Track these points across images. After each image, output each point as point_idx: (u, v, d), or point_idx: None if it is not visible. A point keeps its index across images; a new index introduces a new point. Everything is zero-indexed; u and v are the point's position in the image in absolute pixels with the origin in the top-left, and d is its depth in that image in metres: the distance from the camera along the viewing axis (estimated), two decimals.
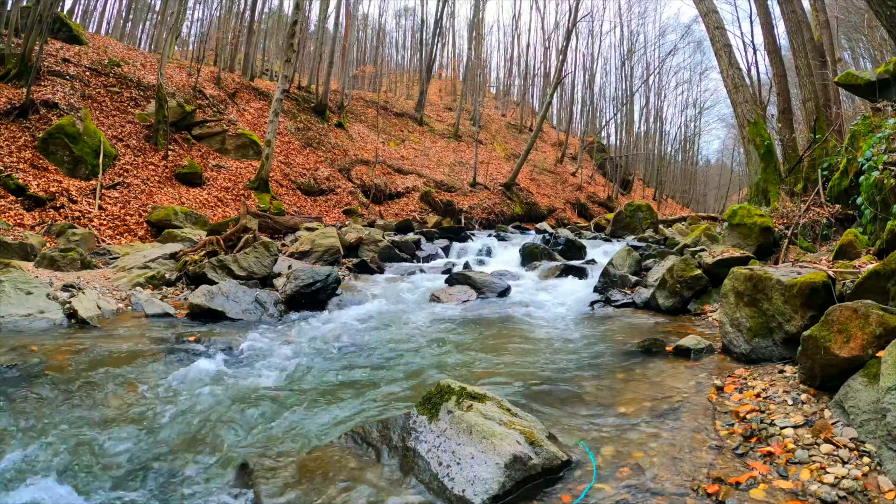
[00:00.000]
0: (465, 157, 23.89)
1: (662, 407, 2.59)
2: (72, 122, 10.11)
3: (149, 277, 5.83)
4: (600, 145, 33.91)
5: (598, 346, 3.86)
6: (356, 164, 18.39)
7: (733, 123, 28.03)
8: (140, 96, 13.91)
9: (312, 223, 10.60)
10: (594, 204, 25.85)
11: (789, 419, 2.29)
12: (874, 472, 1.85)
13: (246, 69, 20.91)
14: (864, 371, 2.19)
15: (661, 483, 1.89)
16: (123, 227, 9.20)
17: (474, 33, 33.56)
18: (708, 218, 14.03)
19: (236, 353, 3.66)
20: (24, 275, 4.92)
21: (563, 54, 23.12)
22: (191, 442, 2.36)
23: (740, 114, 9.37)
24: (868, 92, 6.31)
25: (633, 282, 5.88)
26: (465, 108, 29.27)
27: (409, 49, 41.29)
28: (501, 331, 4.47)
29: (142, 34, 28.56)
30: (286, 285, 5.39)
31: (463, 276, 6.35)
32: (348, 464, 2.07)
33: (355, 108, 23.52)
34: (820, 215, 6.32)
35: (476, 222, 18.39)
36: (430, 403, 2.22)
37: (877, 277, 2.85)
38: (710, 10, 9.90)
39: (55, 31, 14.43)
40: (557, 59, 25.10)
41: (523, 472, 1.88)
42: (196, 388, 2.97)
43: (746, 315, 3.27)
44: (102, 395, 2.79)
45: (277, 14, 31.64)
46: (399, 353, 3.81)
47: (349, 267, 7.41)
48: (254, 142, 14.99)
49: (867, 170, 4.82)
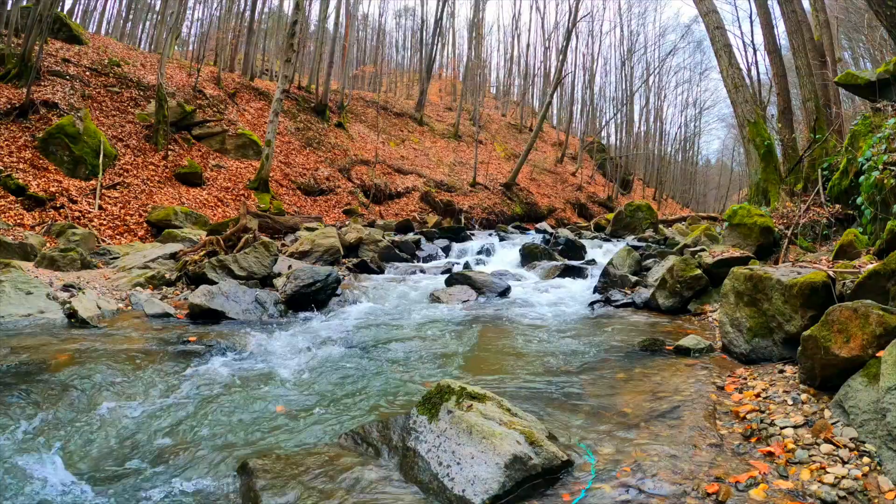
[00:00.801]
0: (465, 157, 23.89)
1: (662, 407, 2.59)
2: (72, 122, 10.11)
3: (149, 277, 5.83)
4: (600, 145, 33.91)
5: (598, 346, 3.86)
6: (356, 164, 18.39)
7: (733, 123, 28.06)
8: (140, 96, 13.91)
9: (312, 223, 10.60)
10: (594, 204, 25.84)
11: (789, 419, 2.29)
12: (874, 472, 1.85)
13: (246, 69, 20.92)
14: (864, 371, 2.19)
15: (661, 482, 1.88)
16: (123, 227, 9.20)
17: (474, 33, 33.57)
18: (708, 218, 14.05)
19: (236, 354, 3.66)
20: (24, 275, 4.92)
21: (563, 54, 23.15)
22: (190, 442, 2.36)
23: (740, 114, 9.37)
24: (868, 92, 6.31)
25: (633, 282, 5.88)
26: (465, 108, 29.26)
27: (409, 49, 41.35)
28: (501, 331, 4.46)
29: (142, 34, 28.58)
30: (286, 285, 5.39)
31: (463, 276, 6.35)
32: (348, 464, 2.06)
33: (355, 108, 23.52)
34: (820, 215, 6.32)
35: (476, 222, 18.39)
36: (430, 403, 2.22)
37: (877, 277, 2.86)
38: (710, 10, 9.90)
39: (55, 31, 14.43)
40: (557, 59, 25.13)
41: (523, 472, 1.87)
42: (196, 388, 2.97)
43: (746, 315, 3.27)
44: (102, 396, 2.79)
45: (277, 14, 31.65)
46: (399, 352, 3.81)
47: (349, 267, 7.41)
48: (254, 142, 14.99)
49: (867, 170, 4.82)
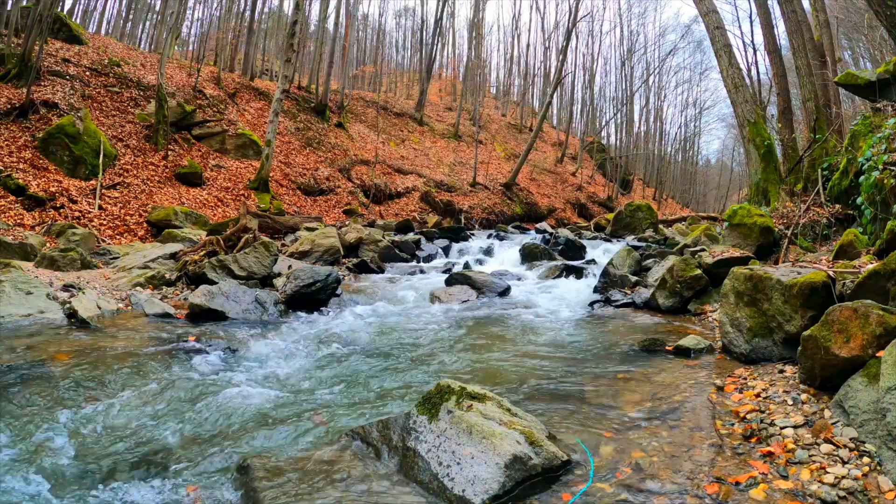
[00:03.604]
0: (465, 157, 23.89)
1: (662, 407, 2.59)
2: (72, 122, 10.11)
3: (149, 277, 5.83)
4: (600, 145, 33.91)
5: (598, 346, 3.86)
6: (356, 164, 18.39)
7: (733, 123, 28.04)
8: (140, 96, 13.90)
9: (312, 223, 10.60)
10: (594, 204, 25.84)
11: (789, 419, 2.29)
12: (874, 472, 1.85)
13: (246, 69, 20.91)
14: (864, 371, 2.19)
15: (661, 482, 1.89)
16: (123, 227, 9.20)
17: (474, 33, 33.58)
18: (708, 218, 14.03)
19: (236, 354, 3.66)
20: (24, 275, 4.91)
21: (563, 54, 23.15)
22: (190, 441, 2.36)
23: (740, 114, 9.36)
24: (868, 92, 6.30)
25: (633, 282, 5.88)
26: (465, 108, 29.26)
27: (409, 49, 41.34)
28: (501, 330, 4.46)
29: (142, 34, 28.56)
30: (286, 285, 5.39)
31: (463, 276, 6.35)
32: (348, 464, 2.06)
33: (355, 108, 23.52)
34: (820, 215, 6.31)
35: (476, 222, 18.38)
36: (430, 403, 2.22)
37: (877, 277, 2.85)
38: (710, 10, 9.89)
39: (55, 31, 14.43)
40: (557, 59, 25.13)
41: (523, 471, 1.88)
42: (196, 388, 2.97)
43: (746, 315, 3.27)
44: (102, 396, 2.79)
45: (277, 14, 31.64)
46: (399, 353, 3.81)
47: (349, 267, 7.41)
48: (254, 142, 14.99)
49: (867, 170, 4.81)
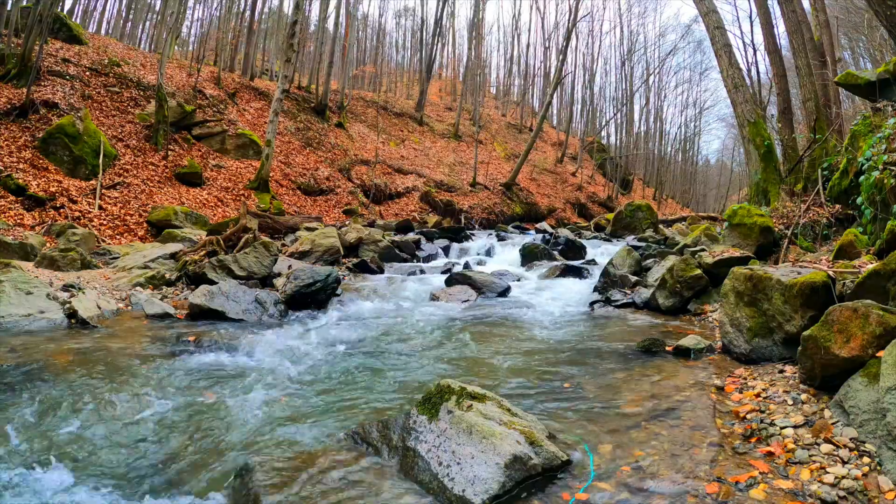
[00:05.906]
0: (465, 156, 23.89)
1: (662, 406, 2.59)
2: (72, 122, 10.11)
3: (149, 277, 5.83)
4: (600, 145, 33.92)
5: (598, 346, 3.86)
6: (356, 164, 18.39)
7: (733, 123, 28.03)
8: (140, 96, 13.90)
9: (312, 223, 10.60)
10: (594, 204, 25.85)
11: (789, 419, 2.29)
12: (874, 472, 1.86)
13: (246, 69, 20.91)
14: (864, 371, 2.19)
15: (661, 482, 1.89)
16: (123, 227, 9.20)
17: (474, 33, 33.52)
18: (708, 218, 14.05)
19: (236, 354, 3.66)
20: (24, 275, 4.91)
21: (563, 54, 23.14)
22: (190, 442, 2.36)
23: (740, 114, 9.36)
24: (868, 92, 6.30)
25: (633, 282, 5.88)
26: (465, 108, 29.26)
27: (409, 49, 41.29)
28: (501, 331, 4.46)
29: (142, 34, 28.56)
30: (286, 285, 5.39)
31: (463, 276, 6.35)
32: (348, 464, 2.07)
33: (355, 108, 23.52)
34: (820, 215, 6.32)
35: (476, 222, 18.39)
36: (430, 403, 2.22)
37: (877, 277, 2.85)
38: (710, 10, 9.90)
39: (55, 31, 14.43)
40: (557, 59, 25.12)
41: (523, 471, 1.88)
42: (196, 388, 2.97)
43: (746, 315, 3.27)
44: (102, 396, 2.79)
45: (277, 14, 31.62)
46: (399, 352, 3.80)
47: (349, 267, 7.41)
48: (254, 142, 14.99)
49: (867, 170, 4.82)
